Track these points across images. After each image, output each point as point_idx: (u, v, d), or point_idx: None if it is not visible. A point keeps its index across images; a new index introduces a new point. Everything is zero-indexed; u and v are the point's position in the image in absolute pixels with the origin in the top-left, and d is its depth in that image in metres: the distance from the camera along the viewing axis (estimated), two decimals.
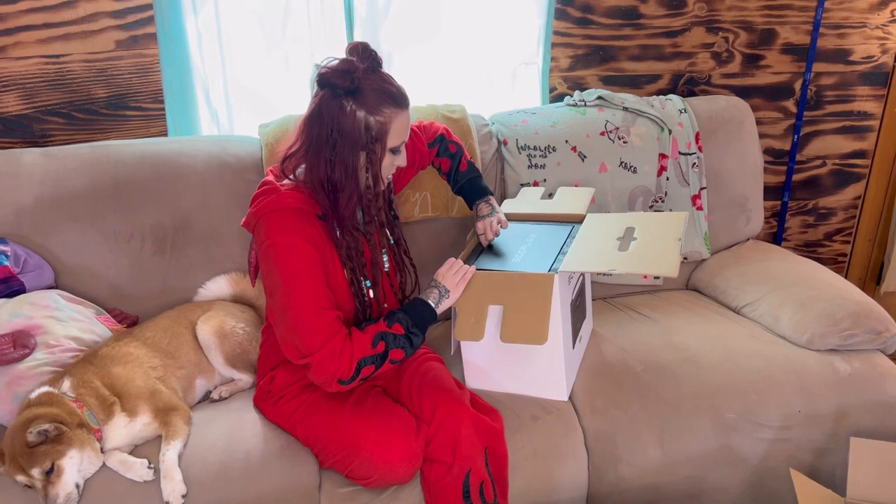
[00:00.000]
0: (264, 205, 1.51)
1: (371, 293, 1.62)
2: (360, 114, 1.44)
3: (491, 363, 1.74)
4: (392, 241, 1.71)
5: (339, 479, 1.56)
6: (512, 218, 1.89)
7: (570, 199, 1.95)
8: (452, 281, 1.59)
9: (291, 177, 1.55)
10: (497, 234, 1.77)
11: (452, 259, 1.64)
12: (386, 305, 1.67)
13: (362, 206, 1.55)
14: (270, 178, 1.58)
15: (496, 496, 1.54)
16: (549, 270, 1.62)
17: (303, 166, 1.53)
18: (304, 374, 1.63)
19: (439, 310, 1.56)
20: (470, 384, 1.77)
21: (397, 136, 1.50)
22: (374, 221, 1.59)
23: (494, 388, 1.76)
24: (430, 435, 1.53)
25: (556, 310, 1.61)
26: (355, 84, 1.43)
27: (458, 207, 2.11)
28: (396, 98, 1.47)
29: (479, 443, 1.53)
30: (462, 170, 1.87)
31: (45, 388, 1.51)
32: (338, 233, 1.54)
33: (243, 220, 1.58)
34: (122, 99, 2.16)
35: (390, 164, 1.54)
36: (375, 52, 1.48)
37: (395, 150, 1.52)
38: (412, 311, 1.53)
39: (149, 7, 2.08)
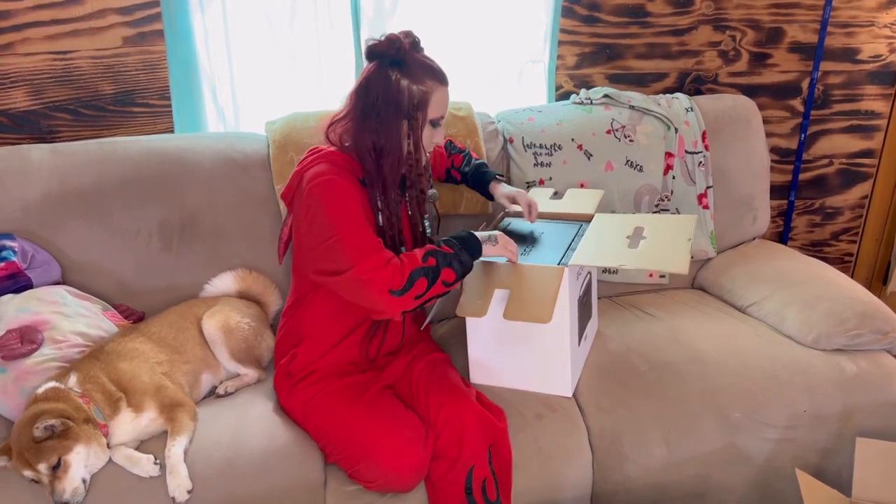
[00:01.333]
0: (311, 160, 1.59)
1: None
2: (405, 82, 1.51)
3: (496, 357, 1.74)
4: (420, 230, 1.73)
5: (344, 476, 1.56)
6: (521, 216, 1.90)
7: (579, 200, 1.95)
8: (504, 239, 1.61)
9: (334, 148, 1.61)
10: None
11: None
12: None
13: (405, 173, 1.59)
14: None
15: (499, 494, 1.55)
16: (559, 265, 1.62)
17: (348, 140, 1.60)
18: (326, 351, 1.65)
19: (484, 249, 1.58)
20: (474, 379, 1.77)
21: (437, 107, 1.56)
22: (415, 187, 1.63)
23: (499, 384, 1.76)
24: (437, 432, 1.54)
25: (563, 302, 1.61)
26: (400, 55, 1.52)
27: (465, 204, 2.12)
28: (438, 73, 1.55)
29: (483, 440, 1.54)
30: (474, 157, 1.95)
31: (52, 384, 1.52)
32: (380, 201, 1.58)
33: (283, 190, 1.64)
34: (129, 95, 2.17)
35: (429, 138, 1.59)
36: (418, 39, 1.57)
37: (434, 123, 1.57)
38: (458, 237, 1.56)
39: (156, 4, 2.08)
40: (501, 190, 1.85)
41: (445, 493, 1.52)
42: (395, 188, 1.59)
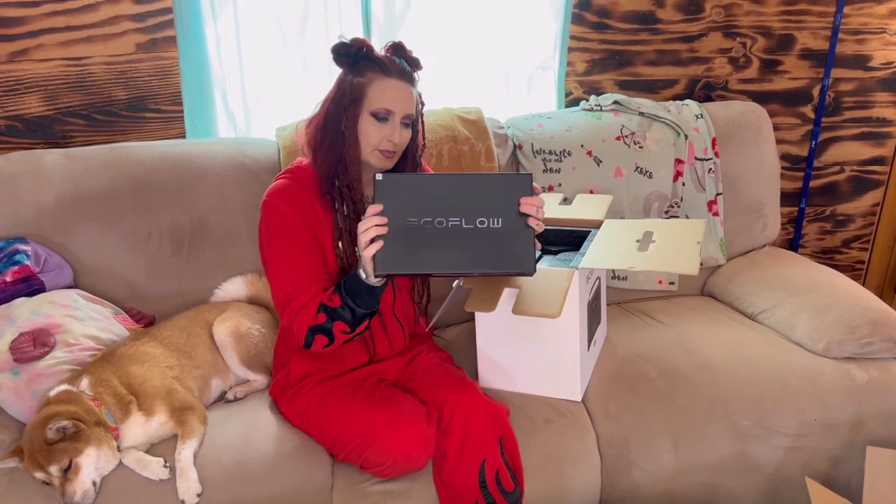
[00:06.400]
0: (279, 175, 1.61)
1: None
2: (348, 77, 1.53)
3: (505, 361, 1.75)
4: None
5: (351, 478, 1.56)
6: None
7: (588, 206, 1.95)
8: (361, 240, 1.38)
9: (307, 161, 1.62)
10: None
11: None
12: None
13: (337, 168, 1.54)
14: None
15: (516, 484, 1.55)
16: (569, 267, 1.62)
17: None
18: (318, 363, 1.66)
19: (366, 276, 1.40)
20: (483, 383, 1.78)
21: (378, 99, 1.50)
22: (356, 188, 1.55)
23: (508, 388, 1.76)
24: (444, 423, 1.54)
25: (573, 305, 1.61)
26: (357, 56, 1.52)
27: None
28: (382, 64, 1.51)
29: (492, 431, 1.54)
30: None
31: (64, 387, 1.53)
32: (336, 204, 1.55)
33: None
34: (141, 101, 2.19)
35: (375, 133, 1.50)
36: (397, 44, 1.55)
37: (378, 117, 1.50)
38: (347, 282, 1.46)
39: (169, 11, 2.10)
40: None
41: (459, 490, 1.51)
42: (356, 193, 1.54)
